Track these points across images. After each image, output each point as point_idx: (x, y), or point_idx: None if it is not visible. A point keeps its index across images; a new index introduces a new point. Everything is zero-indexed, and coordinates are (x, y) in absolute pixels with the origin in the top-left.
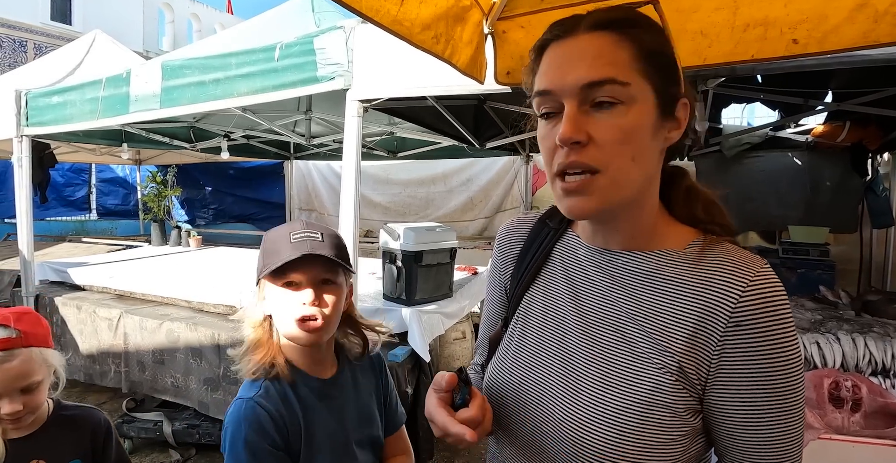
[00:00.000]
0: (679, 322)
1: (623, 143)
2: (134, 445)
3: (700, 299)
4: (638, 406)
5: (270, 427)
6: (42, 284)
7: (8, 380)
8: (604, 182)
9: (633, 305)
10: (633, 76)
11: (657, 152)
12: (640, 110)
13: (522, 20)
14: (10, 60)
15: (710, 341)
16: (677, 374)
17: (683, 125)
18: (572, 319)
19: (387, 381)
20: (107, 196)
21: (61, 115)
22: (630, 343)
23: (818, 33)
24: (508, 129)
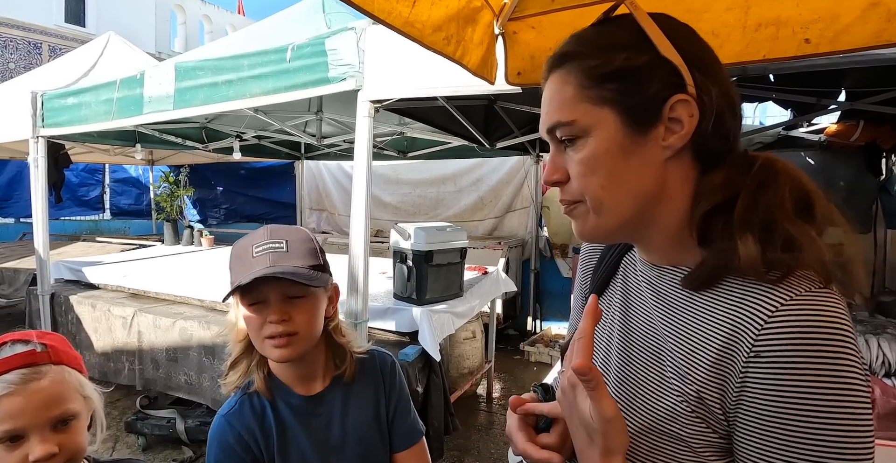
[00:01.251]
0: (704, 347)
1: (587, 174)
2: (147, 442)
3: (728, 322)
4: (650, 434)
5: (237, 446)
6: (57, 282)
7: (36, 406)
8: (584, 210)
9: (669, 324)
10: (578, 109)
11: (648, 168)
12: (598, 138)
13: (533, 21)
14: (26, 62)
15: (734, 372)
16: (695, 404)
17: (688, 125)
18: (617, 335)
19: (393, 388)
20: (120, 196)
21: (76, 116)
22: (660, 365)
23: (830, 33)
24: (518, 129)
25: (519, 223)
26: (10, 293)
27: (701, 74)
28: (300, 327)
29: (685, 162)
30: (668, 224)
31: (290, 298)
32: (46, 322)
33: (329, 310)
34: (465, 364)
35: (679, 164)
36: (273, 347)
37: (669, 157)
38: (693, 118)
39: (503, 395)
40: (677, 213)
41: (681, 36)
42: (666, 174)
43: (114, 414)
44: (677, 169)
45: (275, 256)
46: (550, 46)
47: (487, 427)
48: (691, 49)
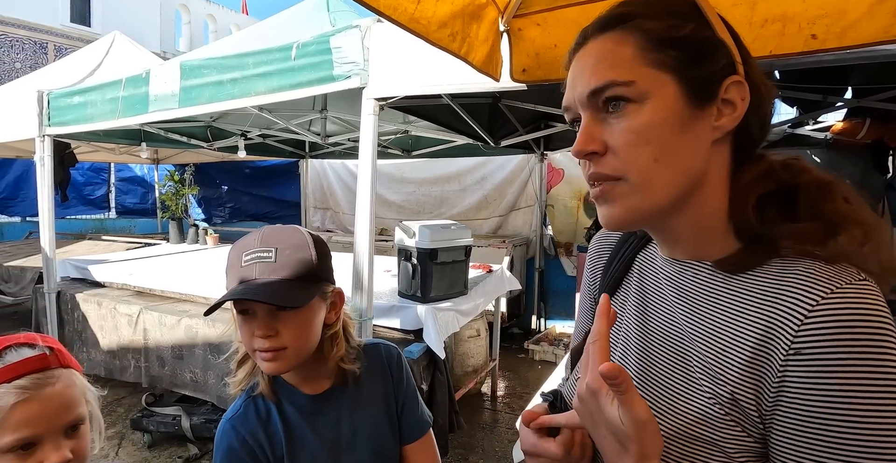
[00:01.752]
0: (737, 345)
1: (639, 145)
2: (153, 439)
3: (763, 319)
4: (680, 439)
5: (242, 452)
6: (63, 280)
7: (52, 412)
8: (626, 189)
9: (694, 323)
10: (638, 71)
11: (700, 146)
12: (657, 105)
13: (538, 18)
14: (31, 62)
15: (771, 371)
16: (729, 406)
17: (741, 107)
18: (635, 334)
19: (401, 381)
20: (126, 195)
21: (82, 115)
22: (686, 365)
23: (837, 28)
24: (523, 127)
25: (523, 222)
26: (16, 291)
27: (747, 63)
28: (288, 342)
29: (726, 148)
30: (701, 211)
31: (279, 311)
32: (53, 320)
33: (330, 317)
34: (470, 362)
35: (721, 149)
36: (262, 360)
37: (716, 141)
38: (745, 102)
39: (508, 393)
40: (712, 201)
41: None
42: (710, 158)
43: (119, 411)
44: (719, 154)
45: (261, 268)
46: (555, 43)
47: (492, 425)
48: (734, 35)
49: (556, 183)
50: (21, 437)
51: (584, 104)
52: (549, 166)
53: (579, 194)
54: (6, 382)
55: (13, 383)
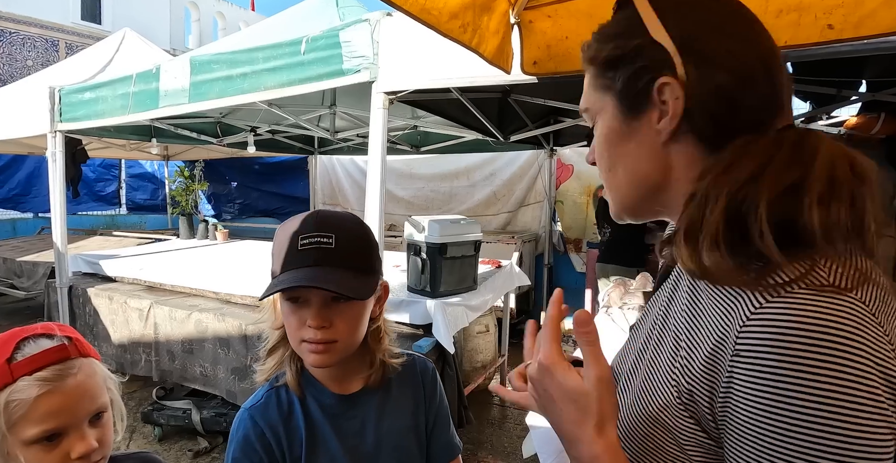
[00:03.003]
0: (701, 343)
1: (599, 158)
2: (163, 432)
3: (720, 318)
4: (646, 420)
5: (258, 444)
6: (75, 275)
7: (75, 403)
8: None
9: (686, 311)
10: (590, 98)
11: (645, 151)
12: (601, 124)
13: (549, 10)
14: (43, 59)
15: (721, 370)
16: (686, 398)
17: (673, 107)
18: (650, 318)
19: (433, 397)
20: (136, 191)
21: (93, 111)
22: (669, 352)
23: (854, 18)
24: (532, 122)
25: (532, 218)
26: (29, 286)
27: (694, 54)
28: (341, 335)
29: (688, 145)
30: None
31: (334, 302)
32: (64, 314)
33: (375, 310)
34: (479, 358)
35: (682, 147)
36: (309, 352)
37: (668, 141)
38: (678, 100)
39: None
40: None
41: (681, 13)
42: (669, 158)
43: (130, 405)
44: (681, 152)
45: (320, 254)
46: (566, 35)
47: (501, 421)
48: (689, 26)
49: (566, 179)
50: (46, 428)
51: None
52: (559, 162)
53: (589, 190)
54: (27, 375)
55: (34, 376)
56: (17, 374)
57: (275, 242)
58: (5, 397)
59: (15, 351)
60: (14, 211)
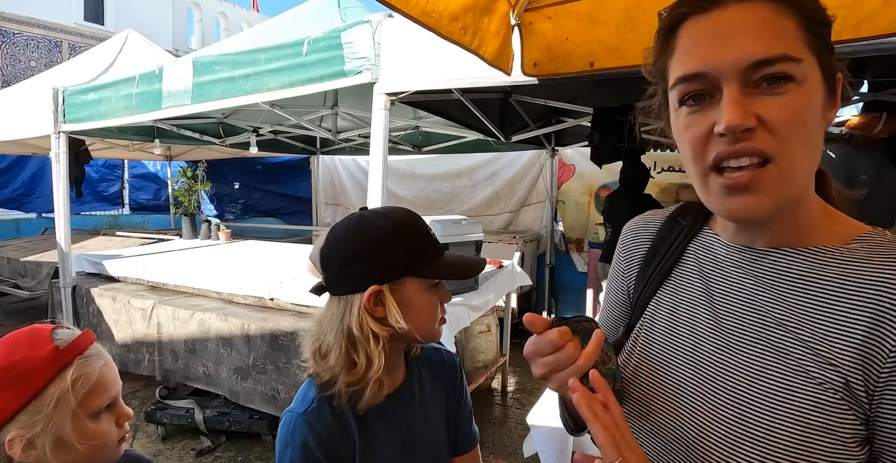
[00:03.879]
0: (845, 331)
1: (798, 125)
2: (166, 432)
3: (871, 304)
4: (791, 427)
5: (318, 450)
6: (78, 275)
7: (116, 377)
8: (776, 173)
9: (782, 310)
10: (802, 50)
11: (823, 135)
12: (811, 88)
13: (549, 11)
14: (46, 60)
15: (881, 354)
16: (843, 392)
17: (839, 104)
18: (707, 326)
19: (462, 390)
20: (139, 191)
21: (97, 112)
22: (780, 353)
23: (853, 19)
24: (534, 122)
25: (534, 218)
26: (33, 286)
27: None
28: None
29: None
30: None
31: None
32: (68, 314)
33: None
34: (480, 358)
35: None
36: (438, 328)
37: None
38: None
39: (518, 389)
40: (808, 188)
41: None
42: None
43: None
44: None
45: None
46: (567, 37)
47: (502, 420)
48: None
49: (567, 179)
50: (112, 395)
51: (737, 75)
52: (560, 162)
53: (590, 190)
54: (80, 355)
55: (85, 354)
56: (72, 355)
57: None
58: (71, 376)
59: (55, 340)
60: (18, 211)
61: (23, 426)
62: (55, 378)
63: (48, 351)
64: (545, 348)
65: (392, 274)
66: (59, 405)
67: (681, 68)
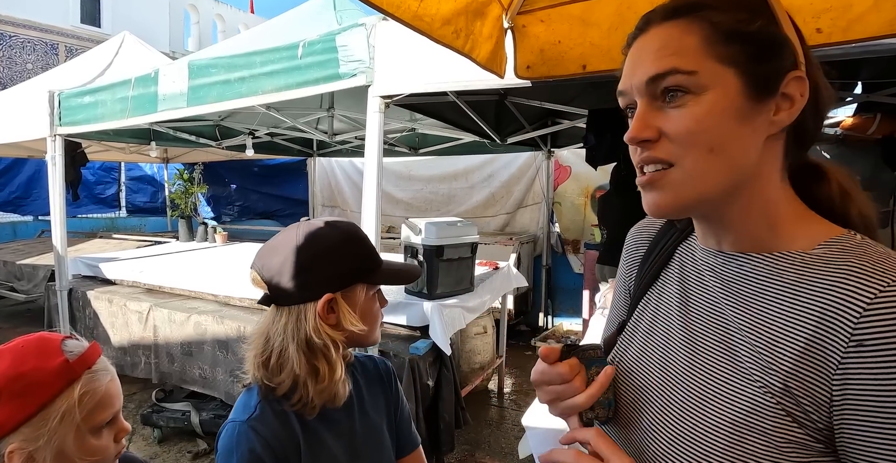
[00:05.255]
0: (789, 335)
1: (696, 132)
2: (163, 434)
3: (817, 309)
4: (729, 427)
5: (265, 455)
6: (75, 278)
7: (119, 391)
8: (678, 175)
9: (742, 313)
10: (702, 62)
11: (754, 139)
12: (716, 97)
13: (542, 14)
14: (42, 63)
15: (829, 363)
16: (780, 396)
17: (799, 103)
18: (677, 327)
19: (398, 393)
20: (136, 194)
21: (92, 115)
22: (734, 355)
23: (843, 22)
24: (530, 124)
25: (531, 219)
26: (29, 289)
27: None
28: None
29: (781, 142)
30: (753, 203)
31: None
32: (64, 317)
33: None
34: (477, 359)
35: (776, 143)
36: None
37: (771, 135)
38: (803, 97)
39: (514, 390)
40: (763, 194)
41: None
42: (763, 152)
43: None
44: (772, 148)
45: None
46: (559, 40)
47: (499, 422)
48: (798, 31)
49: (564, 180)
50: (115, 410)
51: (642, 91)
52: (557, 163)
53: (586, 191)
54: (88, 369)
55: (93, 369)
56: (81, 369)
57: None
58: (78, 391)
59: (65, 352)
60: (14, 214)
61: (25, 439)
62: (63, 392)
63: (58, 363)
64: (554, 379)
65: (344, 281)
66: (64, 420)
67: (619, 85)
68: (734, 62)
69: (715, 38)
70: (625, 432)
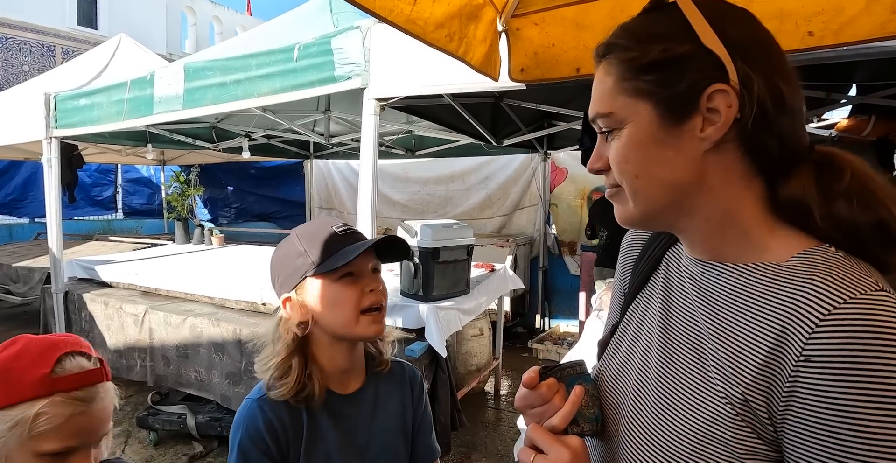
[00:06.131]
0: (752, 347)
1: (619, 163)
2: (158, 437)
3: (778, 322)
4: (692, 435)
5: (266, 434)
6: (71, 280)
7: (96, 426)
8: (623, 196)
9: (713, 323)
10: (616, 102)
11: (682, 159)
12: (631, 130)
13: (536, 17)
14: (39, 65)
15: (782, 375)
16: (740, 407)
17: (725, 115)
18: (658, 332)
19: (420, 402)
20: (132, 196)
21: (88, 117)
22: (703, 364)
23: (834, 25)
24: (526, 126)
25: (527, 221)
26: (25, 291)
27: (745, 64)
28: (385, 299)
29: (728, 154)
30: (710, 214)
31: (374, 272)
32: (60, 319)
33: None
34: (473, 361)
35: (721, 155)
36: (370, 323)
37: (709, 149)
38: (731, 109)
39: (511, 392)
40: (720, 205)
41: (730, 23)
42: (706, 166)
43: (126, 409)
44: (720, 161)
45: (359, 236)
46: (553, 43)
47: (495, 424)
48: (739, 37)
49: (560, 182)
50: (68, 445)
51: (594, 127)
52: (553, 165)
53: (583, 193)
54: (64, 392)
55: (72, 394)
56: (57, 389)
57: (303, 241)
58: (38, 408)
59: (56, 365)
60: (10, 216)
61: None
62: (27, 402)
63: (40, 374)
64: (535, 401)
65: (292, 280)
66: (13, 430)
67: None
68: (643, 93)
69: (626, 74)
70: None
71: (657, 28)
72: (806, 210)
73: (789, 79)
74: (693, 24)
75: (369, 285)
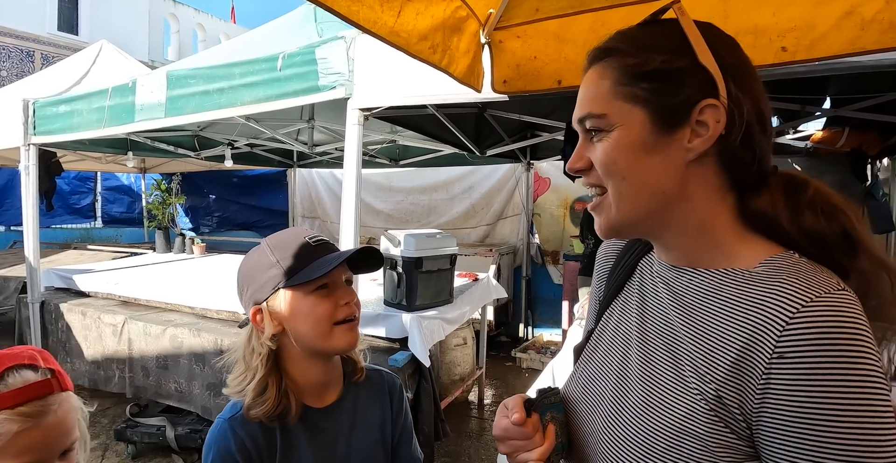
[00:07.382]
0: (724, 347)
1: (609, 164)
2: (137, 450)
3: (748, 323)
4: (668, 431)
5: (238, 455)
6: (47, 290)
7: (52, 439)
8: (607, 202)
9: (686, 324)
10: (611, 105)
11: (669, 167)
12: (622, 133)
13: (519, 30)
14: (18, 70)
15: (755, 373)
16: (714, 403)
17: (714, 129)
18: (635, 336)
19: (400, 411)
20: (112, 204)
21: (68, 124)
22: (677, 363)
23: (807, 41)
24: (509, 137)
25: (511, 230)
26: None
27: (735, 85)
28: (358, 311)
29: (709, 167)
30: (686, 224)
31: (347, 283)
32: (36, 330)
33: None
34: (457, 371)
35: (702, 168)
36: (346, 332)
37: (693, 160)
38: (719, 124)
39: (495, 401)
40: (697, 215)
41: (722, 45)
42: (687, 176)
43: (103, 422)
44: (700, 173)
45: (332, 246)
46: (535, 55)
47: (479, 433)
48: (730, 60)
49: (543, 192)
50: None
51: (577, 128)
52: (536, 175)
53: (566, 203)
54: (9, 409)
55: (16, 410)
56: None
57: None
58: None
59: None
60: None
61: None
62: None
63: None
64: (517, 436)
65: (264, 291)
66: None
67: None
68: (639, 100)
69: (623, 79)
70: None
71: (657, 40)
72: (772, 221)
73: (767, 103)
74: (692, 41)
75: (343, 298)
